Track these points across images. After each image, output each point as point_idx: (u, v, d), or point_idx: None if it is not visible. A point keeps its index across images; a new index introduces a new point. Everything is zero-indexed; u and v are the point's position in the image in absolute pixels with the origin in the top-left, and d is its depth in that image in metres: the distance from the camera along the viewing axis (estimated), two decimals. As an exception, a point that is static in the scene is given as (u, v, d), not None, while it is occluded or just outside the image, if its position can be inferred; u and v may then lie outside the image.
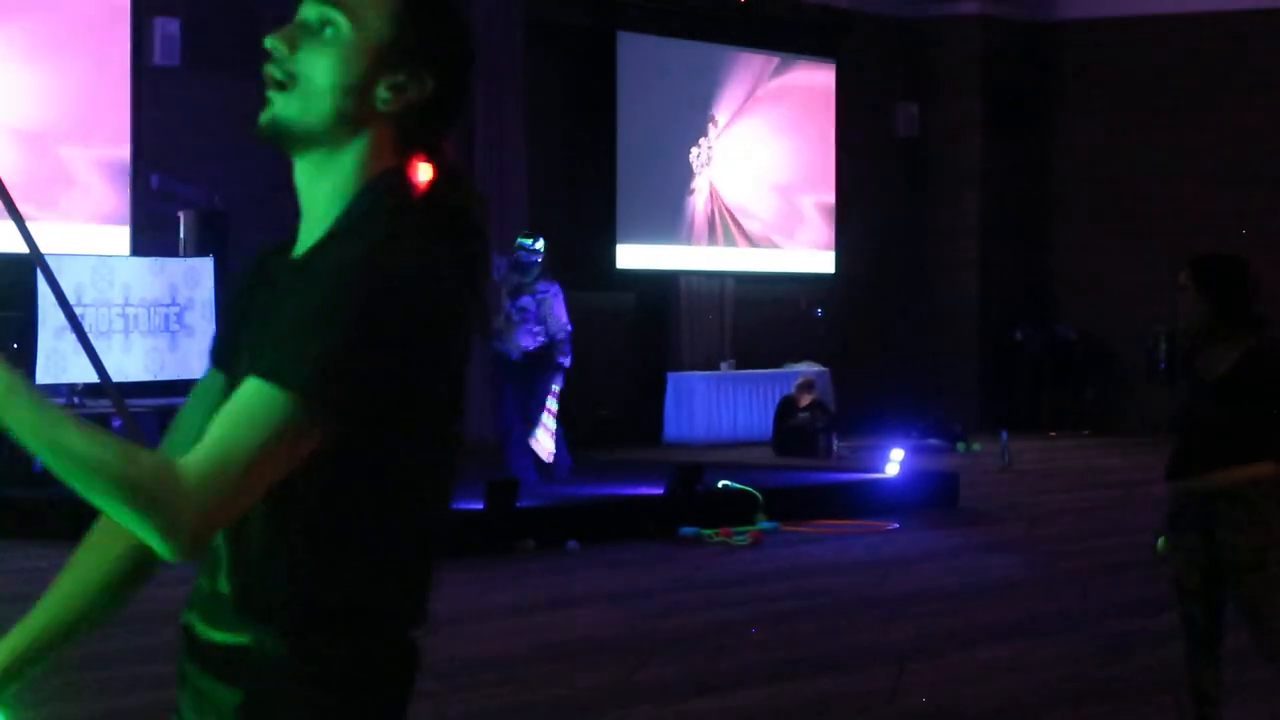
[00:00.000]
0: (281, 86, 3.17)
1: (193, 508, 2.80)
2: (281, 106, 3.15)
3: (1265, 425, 7.63)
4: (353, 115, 3.05)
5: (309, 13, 3.11)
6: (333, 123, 3.06)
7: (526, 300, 17.24)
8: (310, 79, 3.10)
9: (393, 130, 3.05)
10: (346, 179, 3.06)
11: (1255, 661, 7.67)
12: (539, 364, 17.27)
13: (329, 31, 3.07)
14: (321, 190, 3.09)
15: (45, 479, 17.56)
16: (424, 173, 3.07)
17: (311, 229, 3.09)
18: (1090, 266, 28.88)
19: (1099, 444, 26.41)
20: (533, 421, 17.21)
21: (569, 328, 17.33)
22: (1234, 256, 8.03)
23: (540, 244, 17.55)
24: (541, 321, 17.20)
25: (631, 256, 25.19)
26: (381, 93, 3.03)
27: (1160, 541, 15.41)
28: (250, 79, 14.92)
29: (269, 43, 3.17)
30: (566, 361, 17.38)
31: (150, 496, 2.80)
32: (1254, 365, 7.65)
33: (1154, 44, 28.77)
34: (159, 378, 18.95)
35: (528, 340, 17.18)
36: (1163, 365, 28.26)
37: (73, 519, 15.37)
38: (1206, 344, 7.78)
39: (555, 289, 17.46)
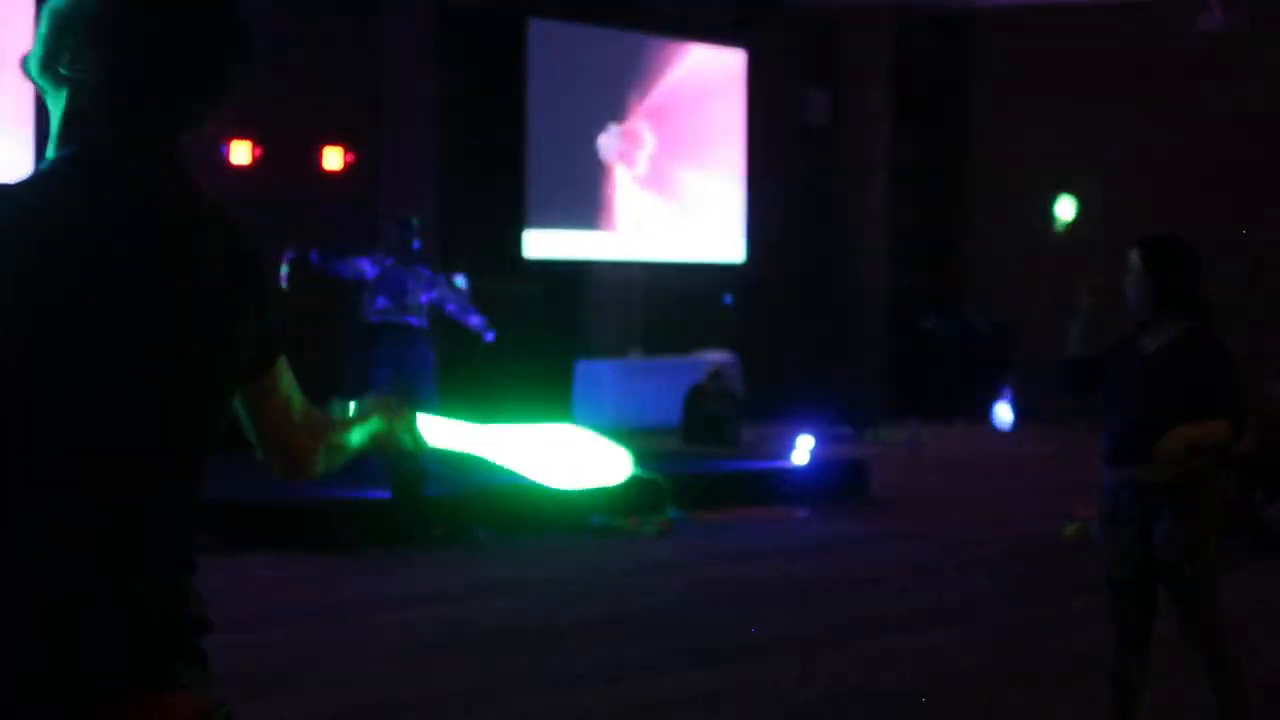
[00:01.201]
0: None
1: None
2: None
3: (1189, 409, 7.64)
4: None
5: None
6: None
7: (435, 295, 17.11)
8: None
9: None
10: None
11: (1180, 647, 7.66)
12: (421, 339, 16.97)
13: None
14: None
15: None
16: None
17: None
18: (998, 254, 29.02)
19: (1009, 432, 26.56)
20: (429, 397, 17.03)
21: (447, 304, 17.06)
22: (1183, 240, 8.04)
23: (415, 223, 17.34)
24: (393, 295, 16.96)
25: (541, 244, 25.18)
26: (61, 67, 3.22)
27: (1070, 528, 15.59)
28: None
29: None
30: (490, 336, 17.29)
31: None
32: (1183, 349, 7.70)
33: (1066, 33, 28.94)
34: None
35: (374, 314, 16.95)
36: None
37: None
38: (1150, 324, 7.81)
39: (432, 273, 17.23)
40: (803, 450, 18.88)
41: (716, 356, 25.72)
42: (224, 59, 3.28)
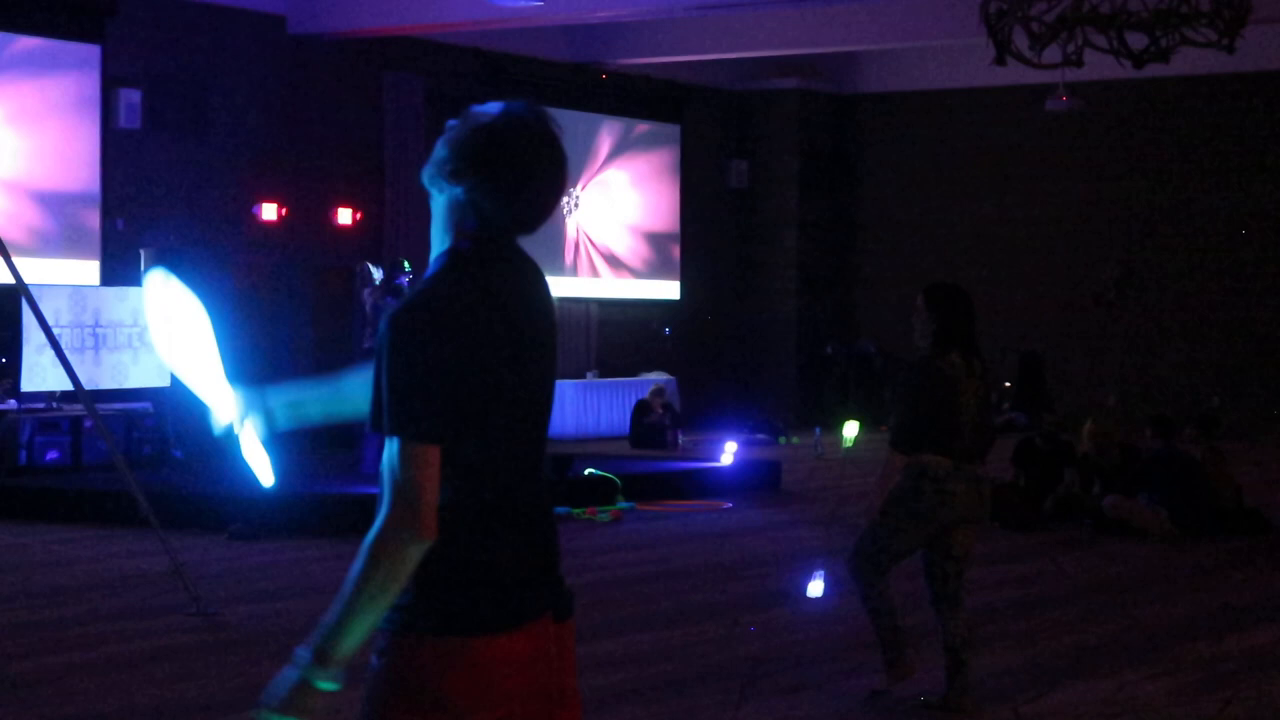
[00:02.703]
0: None
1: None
2: None
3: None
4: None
5: None
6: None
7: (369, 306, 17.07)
8: None
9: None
10: None
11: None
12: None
13: None
14: None
15: (30, 469, 17.34)
16: None
17: None
18: (885, 293, 29.09)
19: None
20: None
21: None
22: (959, 287, 8.24)
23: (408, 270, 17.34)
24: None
25: (514, 285, 25.13)
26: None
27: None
28: (199, 139, 14.89)
29: None
30: None
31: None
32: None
33: (937, 114, 29.03)
34: (123, 386, 18.74)
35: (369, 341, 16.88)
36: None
37: (48, 504, 15.18)
38: (936, 355, 8.00)
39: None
40: (728, 453, 18.87)
41: (658, 377, 25.72)
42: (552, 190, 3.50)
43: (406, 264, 17.53)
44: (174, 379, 19.37)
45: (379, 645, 3.36)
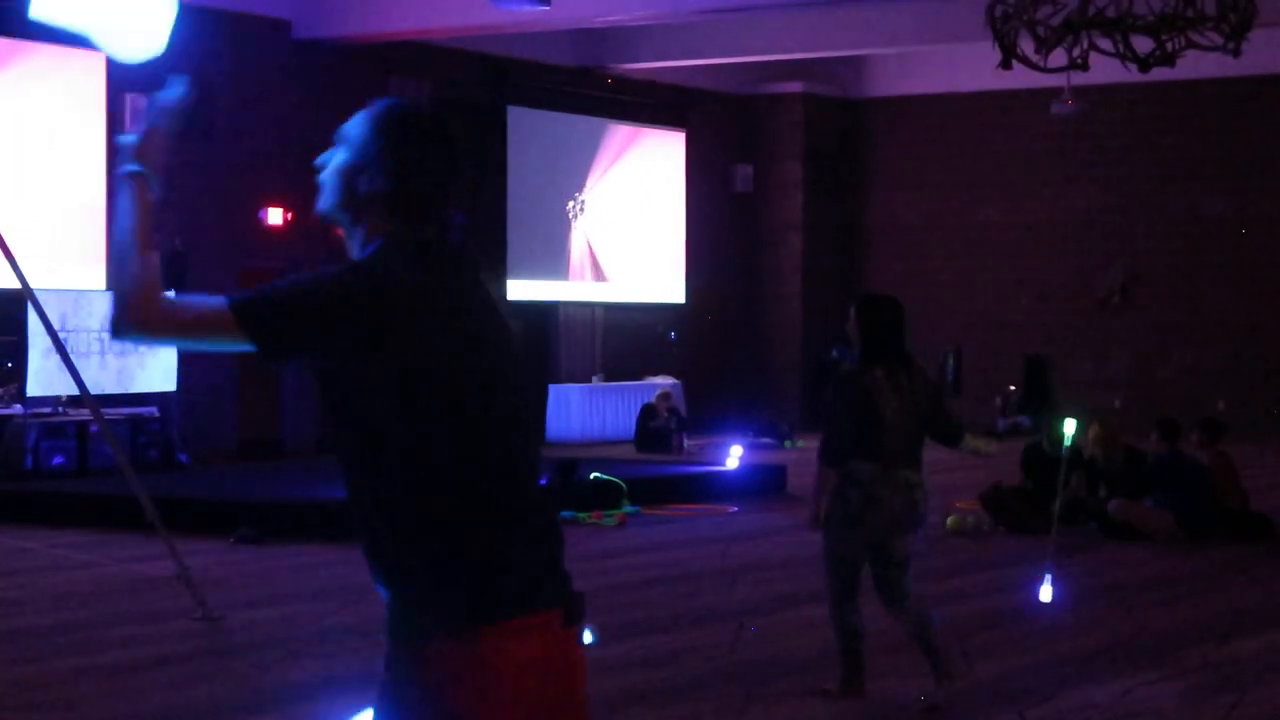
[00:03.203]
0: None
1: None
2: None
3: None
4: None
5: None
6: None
7: None
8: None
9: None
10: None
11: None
12: None
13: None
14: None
15: (35, 473, 17.35)
16: None
17: None
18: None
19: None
20: None
21: None
22: (891, 298, 8.48)
23: None
24: None
25: (520, 289, 25.15)
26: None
27: (950, 520, 15.57)
28: (205, 145, 14.87)
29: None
30: None
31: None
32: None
33: (942, 117, 29.03)
34: (129, 390, 18.76)
35: None
36: (950, 377, 28.50)
37: (54, 508, 15.21)
38: (857, 369, 8.26)
39: None
40: (733, 457, 18.86)
41: (663, 381, 25.71)
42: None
43: None
44: (178, 383, 19.40)
45: (390, 658, 3.35)
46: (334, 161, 3.73)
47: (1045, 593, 11.02)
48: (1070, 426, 11.42)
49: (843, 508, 8.18)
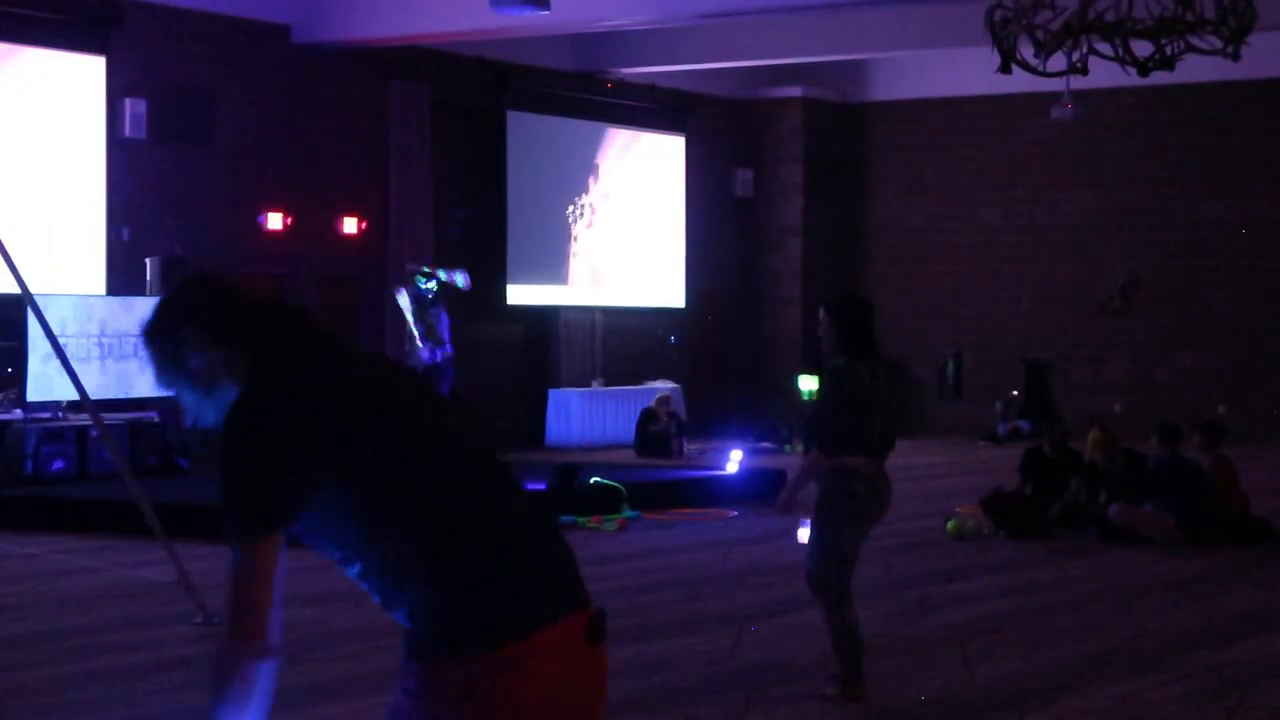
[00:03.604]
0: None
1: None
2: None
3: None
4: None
5: None
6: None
7: (420, 324, 17.04)
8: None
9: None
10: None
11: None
12: (436, 377, 16.91)
13: None
14: None
15: (34, 479, 17.35)
16: None
17: None
18: (892, 302, 29.10)
19: (899, 446, 26.50)
20: None
21: (450, 351, 16.98)
22: (859, 298, 8.64)
23: (433, 283, 17.36)
24: (432, 339, 16.93)
25: (520, 294, 25.16)
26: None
27: (950, 524, 15.57)
28: (204, 149, 14.92)
29: None
30: (443, 388, 17.06)
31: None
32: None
33: (941, 122, 29.04)
34: (129, 396, 18.76)
35: (427, 355, 16.94)
36: (950, 381, 28.53)
37: (54, 513, 15.21)
38: (848, 362, 8.29)
39: (442, 314, 17.17)
40: (733, 461, 18.87)
41: (663, 385, 25.72)
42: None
43: (421, 278, 17.49)
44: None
45: (406, 683, 3.39)
46: (174, 385, 3.57)
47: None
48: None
49: (847, 502, 8.21)
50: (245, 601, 3.36)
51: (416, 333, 16.98)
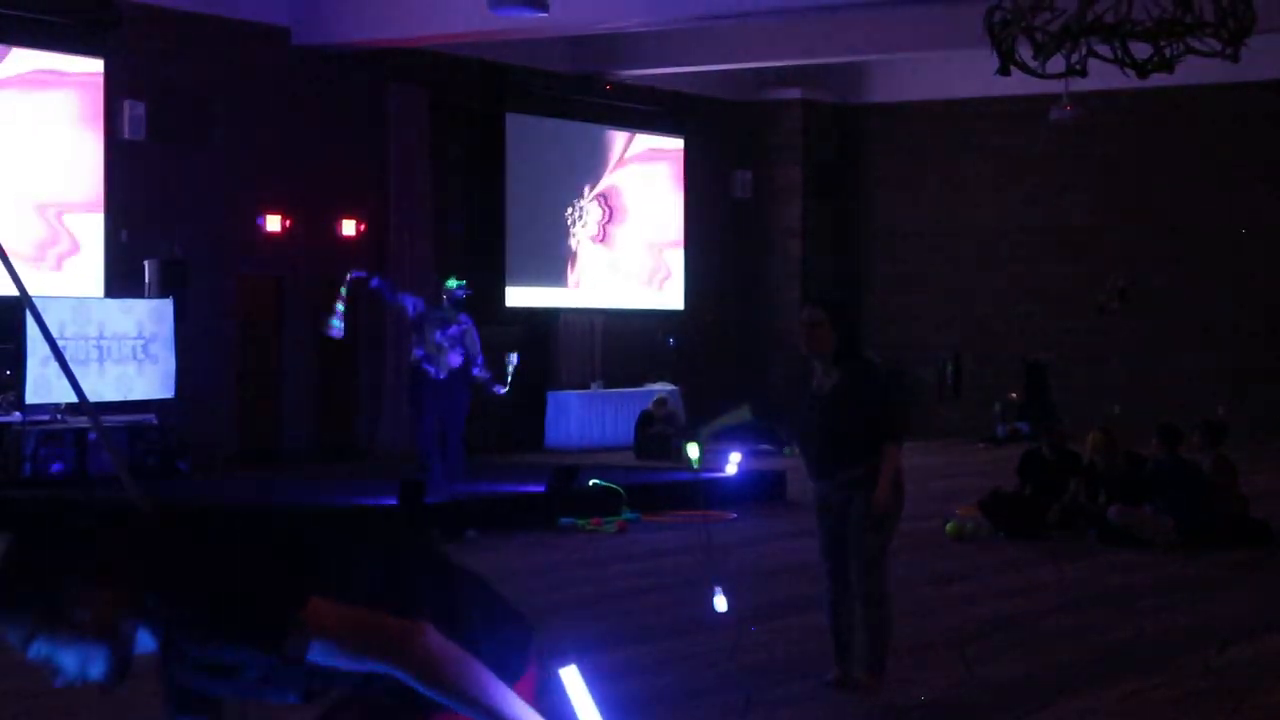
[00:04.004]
0: None
1: None
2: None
3: (866, 425, 8.29)
4: None
5: None
6: None
7: (454, 330, 16.97)
8: None
9: None
10: None
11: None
12: (458, 382, 16.91)
13: None
14: None
15: (35, 480, 17.35)
16: None
17: None
18: (891, 304, 29.12)
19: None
20: (454, 430, 16.77)
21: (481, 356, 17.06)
22: (844, 300, 8.84)
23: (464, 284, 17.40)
24: (462, 346, 16.92)
25: (519, 296, 25.16)
26: None
27: (949, 526, 15.58)
28: (203, 151, 14.95)
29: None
30: (500, 390, 17.19)
31: None
32: (850, 385, 8.32)
33: (940, 124, 29.05)
34: (128, 398, 18.77)
35: (455, 360, 16.90)
36: (949, 382, 28.52)
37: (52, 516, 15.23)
38: (828, 367, 8.42)
39: (470, 321, 17.21)
40: (733, 464, 18.86)
41: (662, 387, 25.72)
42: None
43: (454, 282, 17.43)
44: (177, 390, 19.40)
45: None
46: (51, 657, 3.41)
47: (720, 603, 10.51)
48: (694, 451, 11.13)
49: (900, 497, 8.44)
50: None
51: (446, 343, 16.95)
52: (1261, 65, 22.85)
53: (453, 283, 17.20)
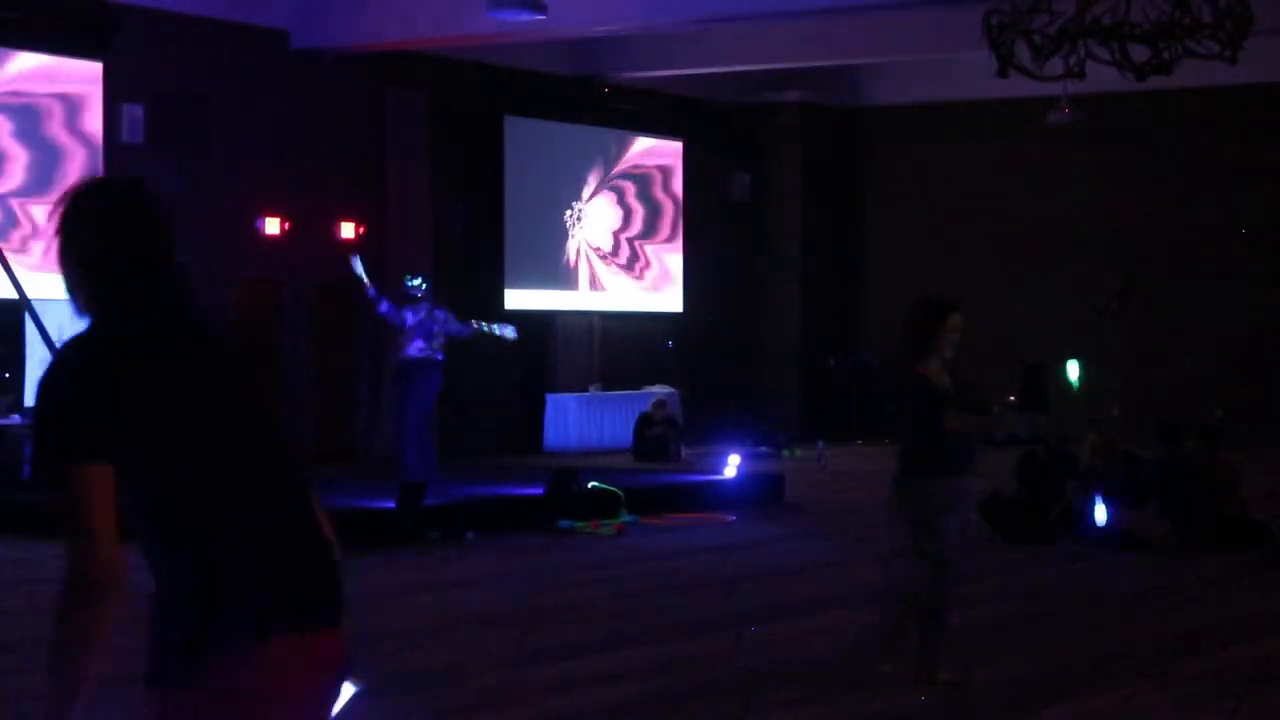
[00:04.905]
0: None
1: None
2: None
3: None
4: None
5: None
6: None
7: (412, 321, 17.55)
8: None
9: None
10: None
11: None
12: (422, 370, 17.57)
13: None
14: None
15: (33, 483, 17.34)
16: None
17: None
18: (888, 307, 29.09)
19: (896, 449, 26.51)
20: (422, 415, 17.58)
21: (467, 331, 17.86)
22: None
23: (419, 280, 17.89)
24: (427, 337, 17.50)
25: (517, 299, 25.15)
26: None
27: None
28: (202, 155, 14.92)
29: None
30: (505, 331, 18.04)
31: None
32: (954, 379, 9.02)
33: (939, 126, 29.05)
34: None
35: (413, 351, 17.45)
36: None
37: (51, 518, 15.19)
38: (942, 369, 8.88)
39: (447, 313, 17.82)
40: (731, 466, 18.87)
41: (660, 390, 25.71)
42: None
43: (409, 277, 17.86)
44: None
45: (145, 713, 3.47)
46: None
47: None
48: (1074, 370, 11.82)
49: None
50: (70, 527, 3.42)
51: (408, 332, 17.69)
52: (1260, 67, 22.86)
53: (407, 279, 17.81)
